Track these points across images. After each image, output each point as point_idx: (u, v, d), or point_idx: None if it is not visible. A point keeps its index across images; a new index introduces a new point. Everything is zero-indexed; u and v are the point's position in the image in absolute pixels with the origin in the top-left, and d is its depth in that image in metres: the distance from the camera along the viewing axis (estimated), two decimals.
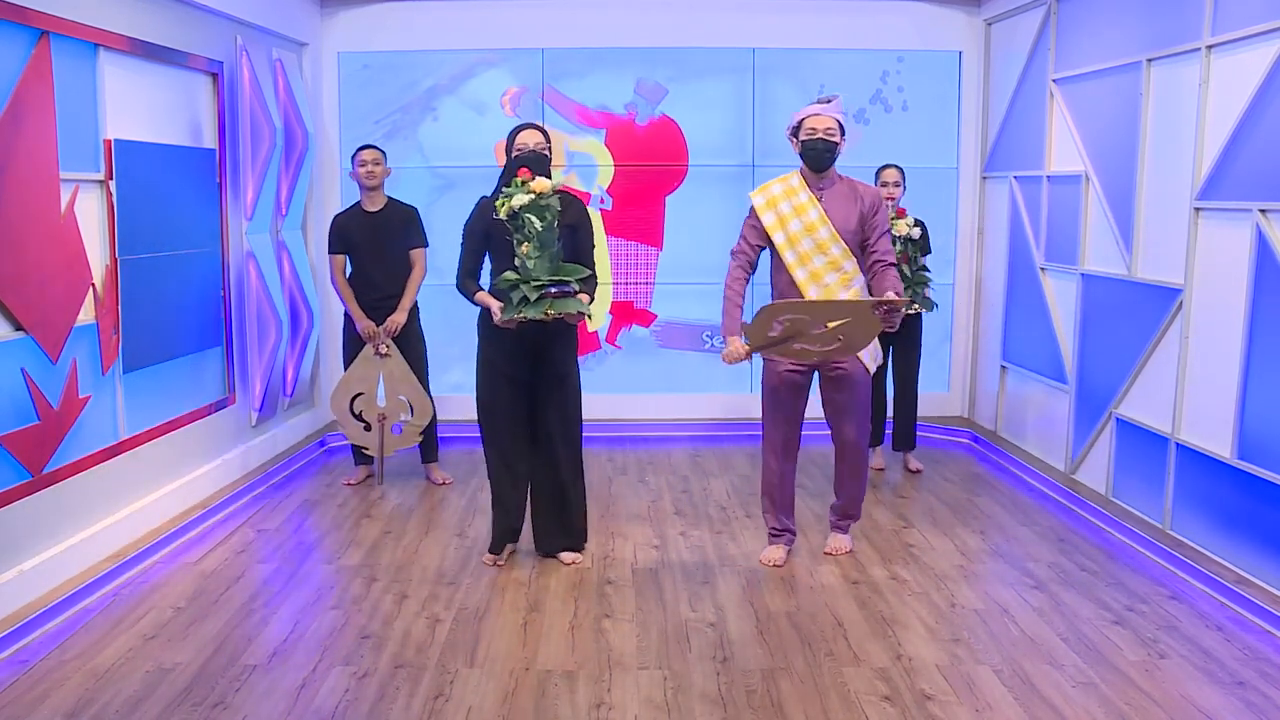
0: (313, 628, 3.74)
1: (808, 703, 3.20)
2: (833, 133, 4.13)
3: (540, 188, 3.93)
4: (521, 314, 3.96)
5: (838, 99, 4.23)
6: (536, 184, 3.93)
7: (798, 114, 4.23)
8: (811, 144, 4.14)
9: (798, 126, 4.20)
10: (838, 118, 4.15)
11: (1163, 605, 3.93)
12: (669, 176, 6.79)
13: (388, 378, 5.34)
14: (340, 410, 5.42)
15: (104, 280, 4.36)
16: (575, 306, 4.02)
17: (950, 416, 6.85)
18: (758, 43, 6.68)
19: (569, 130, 6.72)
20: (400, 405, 5.37)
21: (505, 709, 3.17)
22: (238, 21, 5.46)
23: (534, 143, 4.16)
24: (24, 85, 3.80)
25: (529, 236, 3.95)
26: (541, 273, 3.96)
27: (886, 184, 5.45)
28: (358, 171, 5.29)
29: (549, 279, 3.97)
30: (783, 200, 4.19)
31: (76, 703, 3.18)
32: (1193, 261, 4.44)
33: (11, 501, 3.75)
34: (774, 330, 3.90)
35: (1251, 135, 4.05)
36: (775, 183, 4.26)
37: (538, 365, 4.23)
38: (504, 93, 6.68)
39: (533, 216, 3.92)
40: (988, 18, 6.55)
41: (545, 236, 3.95)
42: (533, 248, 3.95)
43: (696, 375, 6.92)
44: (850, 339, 3.93)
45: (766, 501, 4.44)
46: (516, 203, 3.92)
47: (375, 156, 5.31)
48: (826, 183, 4.21)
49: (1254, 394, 4.05)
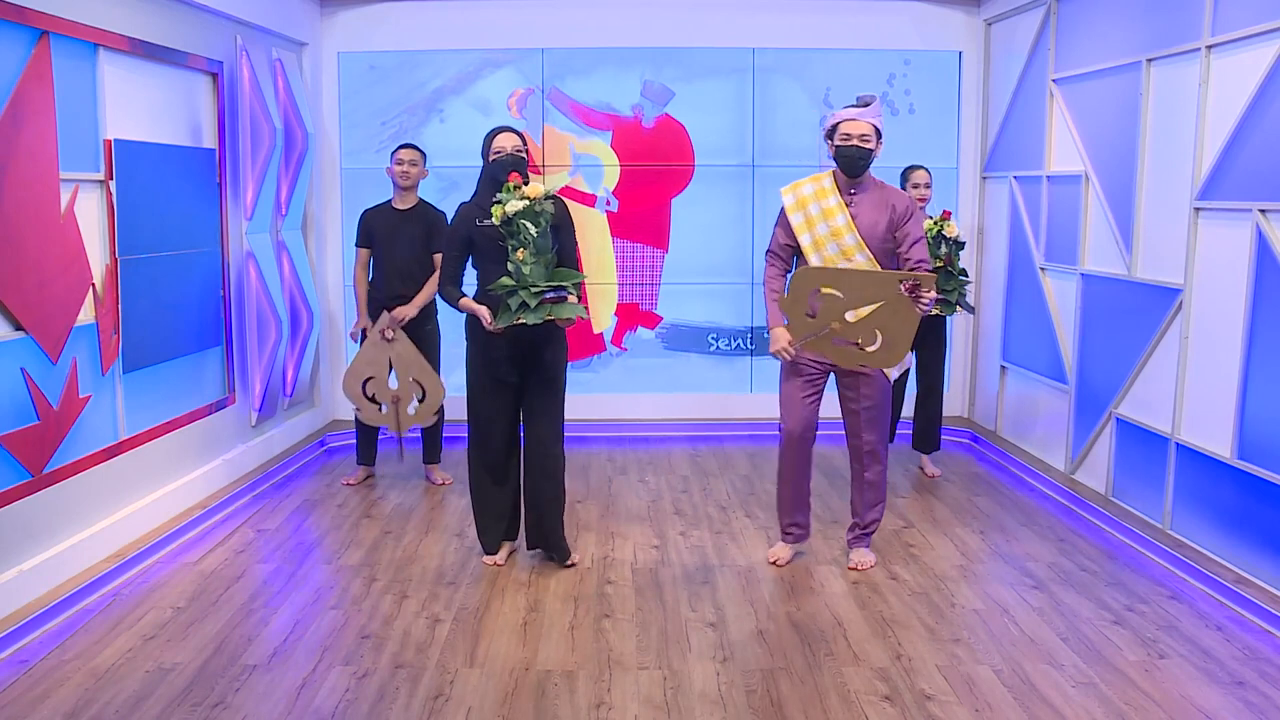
0: (313, 628, 3.74)
1: (808, 703, 3.20)
2: (868, 139, 4.05)
3: (534, 193, 3.91)
4: (520, 319, 3.93)
5: (876, 101, 4.16)
6: (530, 189, 3.91)
7: (834, 116, 4.15)
8: (846, 150, 4.06)
9: (833, 129, 4.12)
10: (875, 122, 4.08)
11: (1163, 605, 3.93)
12: (675, 179, 6.79)
13: (397, 361, 5.27)
14: (354, 393, 5.33)
15: (104, 280, 4.36)
16: (572, 312, 4.00)
17: (950, 416, 6.84)
18: (758, 42, 6.68)
19: (575, 131, 6.72)
20: (412, 387, 5.29)
21: (505, 709, 3.17)
22: (238, 21, 5.46)
23: (511, 146, 4.14)
24: (24, 85, 3.81)
25: (525, 243, 3.92)
26: (538, 278, 3.94)
27: (917, 185, 5.43)
28: (393, 169, 5.27)
29: (546, 285, 3.95)
30: (812, 202, 4.14)
31: (76, 703, 3.18)
32: (1193, 261, 4.44)
33: (11, 501, 3.75)
34: (811, 310, 3.85)
35: (1251, 135, 4.05)
36: (807, 182, 4.20)
37: (528, 369, 4.21)
38: (510, 94, 6.68)
39: (528, 222, 3.90)
40: (988, 18, 6.55)
41: (541, 242, 3.93)
42: (529, 254, 3.93)
43: (697, 375, 6.92)
44: (890, 336, 3.83)
45: (779, 498, 4.42)
46: (510, 209, 3.90)
47: (414, 157, 5.29)
48: (859, 188, 4.14)
49: (1254, 394, 4.05)
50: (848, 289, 3.83)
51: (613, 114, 6.74)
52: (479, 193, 4.20)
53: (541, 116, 6.67)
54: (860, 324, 3.86)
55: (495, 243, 4.04)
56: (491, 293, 4.05)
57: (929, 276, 3.80)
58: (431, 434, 5.54)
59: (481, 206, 4.12)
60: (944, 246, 5.30)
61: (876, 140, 4.09)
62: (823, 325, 3.87)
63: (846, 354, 3.95)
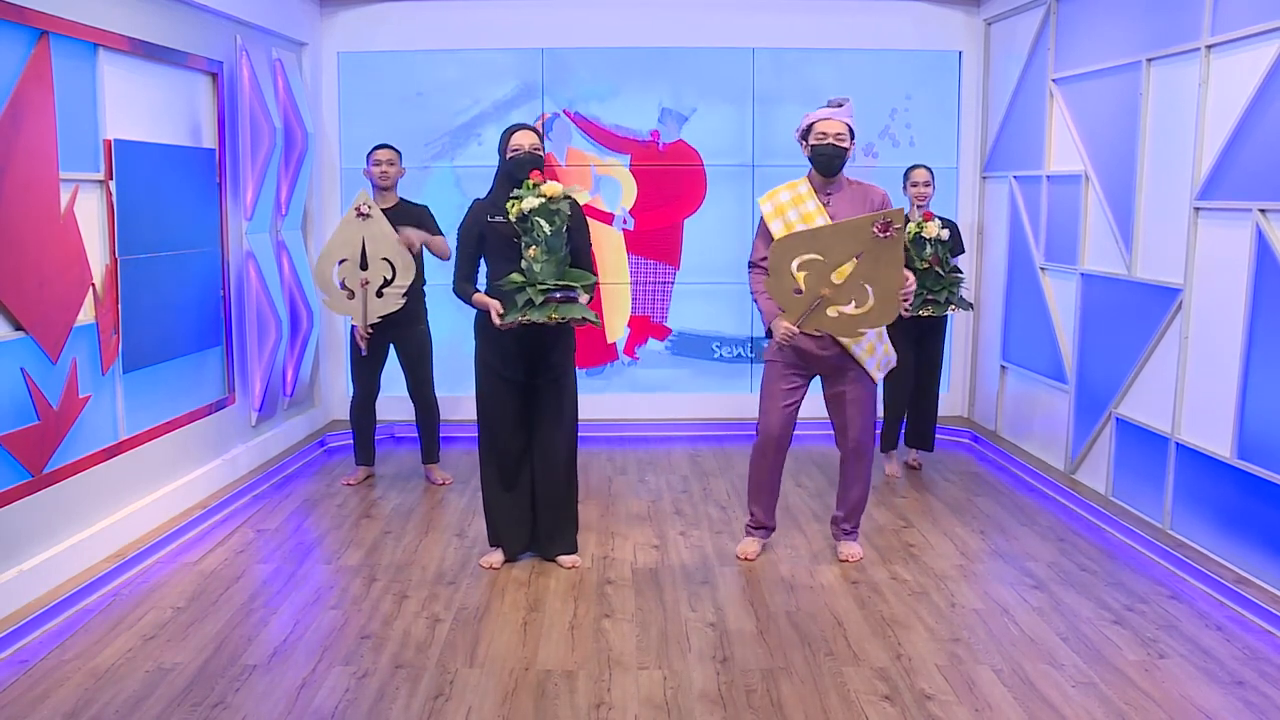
0: (313, 628, 3.74)
1: (808, 703, 3.20)
2: (843, 138, 4.09)
3: (551, 191, 3.90)
4: (526, 317, 3.94)
5: (849, 102, 4.19)
6: (548, 188, 3.90)
7: (808, 117, 4.18)
8: (822, 149, 4.10)
9: (807, 130, 4.17)
10: (848, 122, 4.12)
11: (1163, 605, 3.93)
12: (688, 201, 6.86)
13: (370, 241, 5.15)
14: (324, 277, 5.22)
15: (104, 280, 4.36)
16: (580, 312, 3.99)
17: (950, 416, 6.84)
18: (758, 43, 6.68)
19: (596, 152, 6.78)
20: (382, 268, 5.17)
21: (505, 709, 3.17)
22: (238, 21, 5.46)
23: (529, 144, 4.13)
24: (24, 85, 3.81)
25: (537, 240, 3.92)
26: (548, 277, 3.94)
27: (917, 184, 5.43)
28: (372, 170, 5.26)
29: (554, 284, 3.95)
30: (790, 208, 4.16)
31: (76, 703, 3.18)
32: (1192, 261, 4.44)
33: (11, 501, 3.75)
34: (797, 286, 3.88)
35: (1251, 135, 4.05)
36: (783, 189, 4.23)
37: (536, 368, 4.21)
38: (538, 118, 6.72)
39: (542, 220, 3.89)
40: (988, 18, 6.55)
41: (553, 241, 3.93)
42: (540, 252, 3.92)
43: (696, 375, 6.93)
44: (880, 289, 3.87)
45: (750, 495, 4.48)
46: (527, 205, 3.89)
47: (390, 156, 5.29)
48: (835, 188, 4.17)
49: (1254, 394, 4.05)
50: (825, 248, 3.89)
51: (632, 137, 6.77)
52: (494, 190, 4.20)
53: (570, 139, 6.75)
54: (848, 284, 3.90)
55: (507, 239, 4.04)
56: (500, 288, 4.04)
57: (896, 212, 3.89)
58: (429, 433, 5.54)
59: (495, 204, 4.12)
60: (928, 248, 5.29)
61: (851, 139, 4.14)
62: (813, 297, 3.90)
63: (845, 323, 3.97)
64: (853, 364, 4.21)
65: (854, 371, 4.23)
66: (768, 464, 4.35)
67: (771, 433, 4.29)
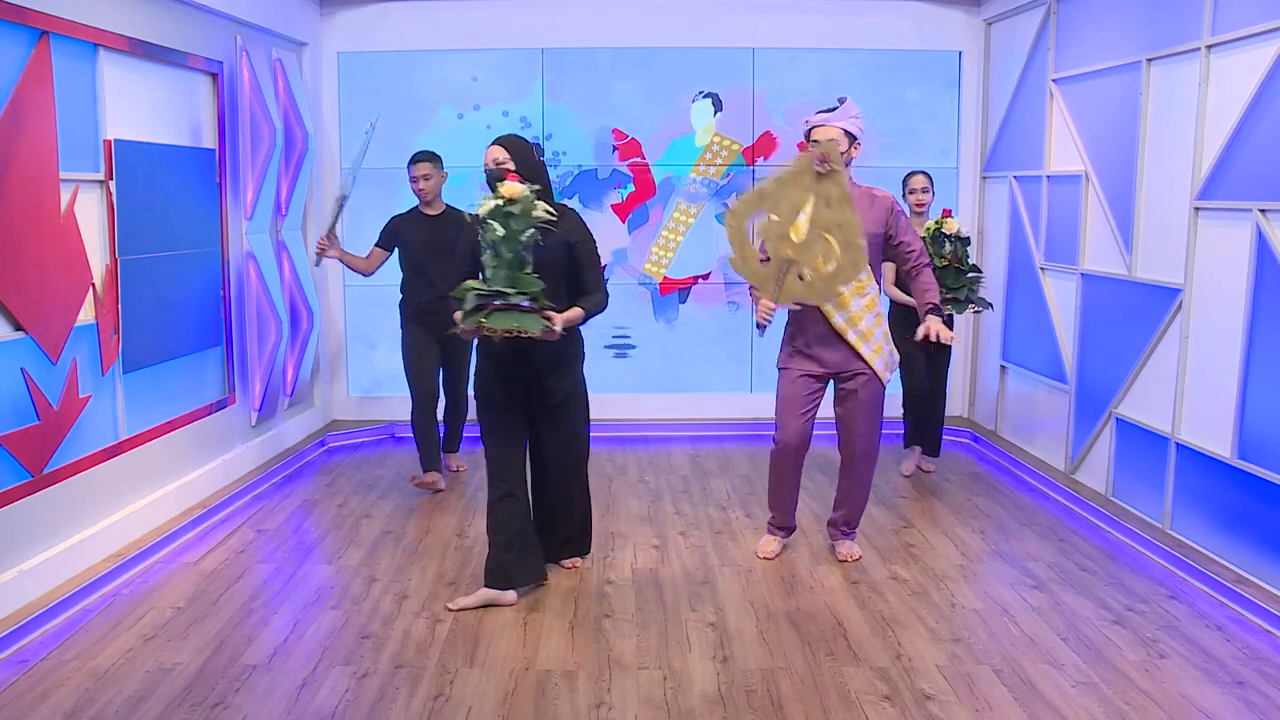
0: (313, 628, 3.74)
1: (808, 703, 3.20)
2: (837, 144, 4.05)
3: (509, 193, 3.64)
4: (478, 323, 3.67)
5: (847, 102, 4.18)
6: (504, 188, 3.65)
7: (808, 121, 4.19)
8: None
9: (808, 135, 4.17)
10: (844, 126, 4.10)
11: (1163, 605, 3.93)
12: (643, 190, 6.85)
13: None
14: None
15: (104, 280, 4.36)
16: (521, 323, 3.63)
17: (950, 416, 6.83)
18: (758, 43, 6.68)
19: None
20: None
21: (505, 709, 3.17)
22: (237, 21, 5.46)
23: (491, 160, 3.92)
24: (24, 85, 3.81)
25: (488, 244, 3.67)
26: (498, 283, 3.64)
27: (915, 190, 5.43)
28: (413, 188, 5.22)
29: (492, 290, 3.64)
30: None
31: (76, 703, 3.18)
32: (1192, 261, 4.44)
33: (11, 501, 3.76)
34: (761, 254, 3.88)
35: (1251, 135, 4.05)
36: None
37: (531, 395, 4.01)
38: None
39: (494, 223, 3.64)
40: (988, 18, 6.55)
41: (507, 244, 3.63)
42: (490, 255, 3.65)
43: (696, 375, 6.92)
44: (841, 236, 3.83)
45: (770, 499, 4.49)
46: (482, 209, 3.69)
47: (425, 170, 5.18)
48: None
49: (1254, 394, 4.05)
50: (774, 203, 3.90)
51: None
52: None
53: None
54: (810, 240, 3.89)
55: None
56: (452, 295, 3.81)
57: (829, 145, 3.90)
58: (454, 426, 5.59)
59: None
60: (947, 245, 5.29)
61: (849, 144, 4.13)
62: (780, 262, 3.89)
63: (820, 287, 3.95)
64: (861, 364, 4.20)
65: (865, 375, 4.23)
66: (787, 470, 4.37)
67: (790, 443, 4.30)
